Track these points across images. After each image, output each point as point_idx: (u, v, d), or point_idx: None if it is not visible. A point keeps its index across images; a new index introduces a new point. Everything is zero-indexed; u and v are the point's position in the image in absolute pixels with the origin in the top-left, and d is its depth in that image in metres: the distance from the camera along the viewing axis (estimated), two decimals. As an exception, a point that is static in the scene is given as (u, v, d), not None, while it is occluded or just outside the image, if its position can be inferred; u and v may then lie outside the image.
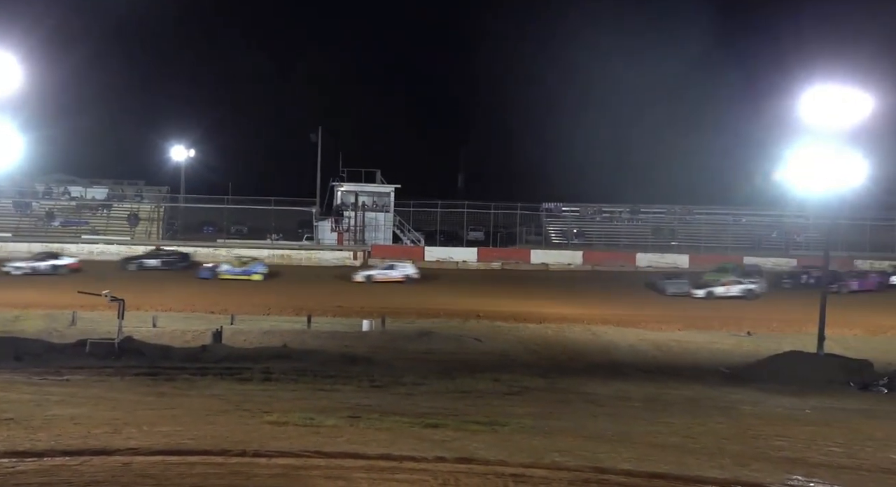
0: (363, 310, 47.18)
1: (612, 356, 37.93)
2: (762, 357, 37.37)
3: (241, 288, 54.44)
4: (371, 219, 72.83)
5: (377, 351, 35.63)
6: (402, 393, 25.33)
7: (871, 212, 69.86)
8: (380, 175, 74.32)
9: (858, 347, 40.25)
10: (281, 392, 24.16)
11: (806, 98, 37.33)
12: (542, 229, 76.52)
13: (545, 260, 68.92)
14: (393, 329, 42.49)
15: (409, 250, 70.85)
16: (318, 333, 40.07)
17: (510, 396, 25.55)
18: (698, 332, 44.78)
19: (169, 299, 48.36)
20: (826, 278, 39.99)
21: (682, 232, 76.13)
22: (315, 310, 45.57)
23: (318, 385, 26.02)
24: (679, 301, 55.07)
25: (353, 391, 25.15)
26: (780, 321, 46.96)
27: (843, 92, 36.44)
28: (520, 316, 47.72)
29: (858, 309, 49.11)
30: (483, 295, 54.69)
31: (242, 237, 74.38)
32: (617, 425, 19.96)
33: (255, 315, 45.31)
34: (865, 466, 16.18)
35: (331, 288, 55.62)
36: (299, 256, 68.54)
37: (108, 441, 14.81)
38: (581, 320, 46.65)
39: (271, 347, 34.72)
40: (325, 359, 32.06)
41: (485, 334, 42.05)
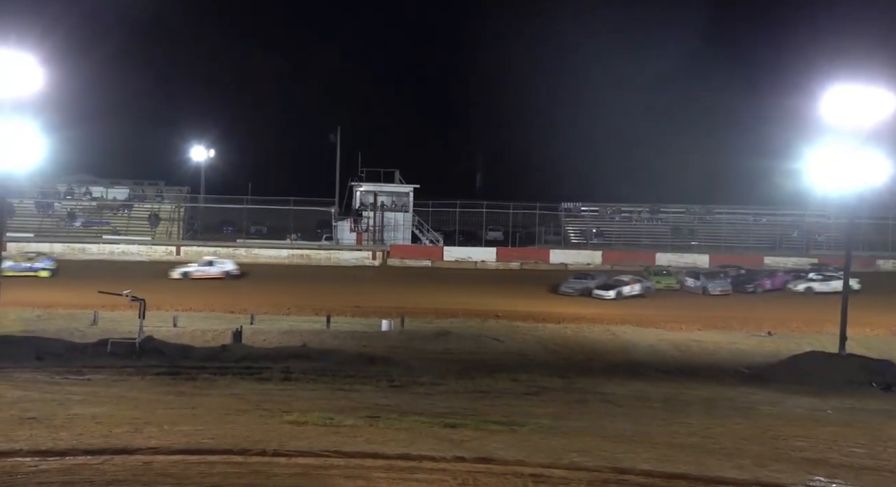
0: (382, 310, 47.29)
1: (630, 356, 37.86)
2: (783, 357, 37.24)
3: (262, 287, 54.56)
4: (390, 219, 72.92)
5: (396, 351, 35.73)
6: (421, 392, 25.41)
7: (893, 210, 69.30)
8: (398, 175, 74.39)
9: (881, 347, 39.97)
10: (300, 391, 24.25)
11: (827, 97, 37.13)
12: (562, 229, 76.36)
13: (564, 260, 68.74)
14: (411, 329, 42.54)
15: (427, 250, 70.89)
16: (337, 333, 40.18)
17: (529, 396, 25.57)
18: (718, 332, 44.62)
19: (189, 299, 48.60)
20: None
21: (702, 231, 75.78)
22: (334, 310, 45.74)
23: (337, 384, 26.12)
24: (700, 301, 54.80)
25: (371, 391, 25.23)
26: (801, 321, 46.72)
27: (865, 91, 36.22)
28: (538, 316, 47.67)
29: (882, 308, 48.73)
30: (502, 295, 54.64)
31: (262, 237, 74.65)
32: (636, 425, 19.92)
33: (275, 314, 45.49)
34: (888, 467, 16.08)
35: (350, 288, 55.68)
36: (318, 256, 68.69)
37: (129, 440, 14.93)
38: (600, 320, 46.57)
39: (291, 347, 34.87)
40: (343, 359, 32.16)
41: (503, 334, 42.08)
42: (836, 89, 36.86)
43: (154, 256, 66.89)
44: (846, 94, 36.48)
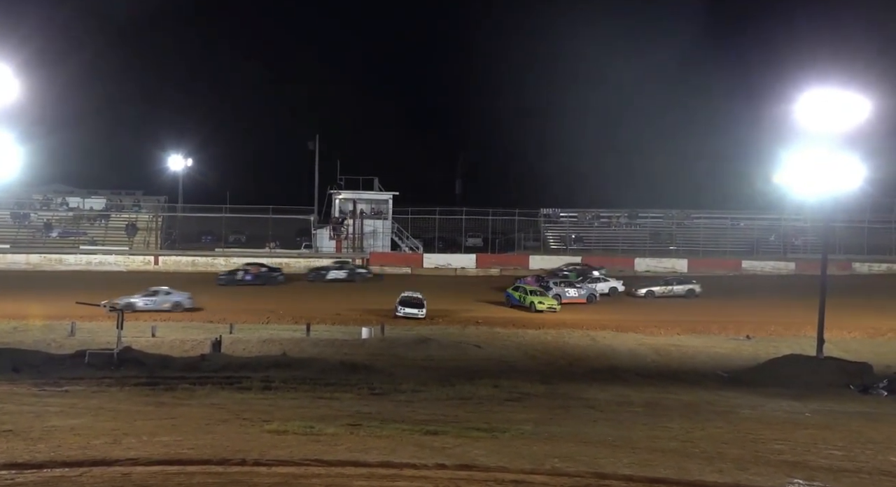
0: (362, 317, 47.20)
1: (611, 361, 37.94)
2: (762, 360, 37.46)
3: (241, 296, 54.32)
4: (369, 226, 72.89)
5: (376, 359, 35.64)
6: (402, 400, 25.33)
7: (869, 214, 69.97)
8: (377, 182, 74.40)
9: (858, 350, 40.28)
10: (281, 400, 24.14)
11: (803, 101, 37.44)
12: (541, 235, 76.56)
13: (544, 266, 68.90)
14: (392, 336, 42.47)
15: (407, 257, 70.91)
16: (318, 341, 40.09)
17: (510, 402, 25.55)
18: (697, 336, 44.83)
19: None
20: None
21: (680, 236, 76.19)
22: (314, 318, 45.67)
23: (318, 393, 26.02)
24: (679, 305, 55.05)
25: (352, 399, 25.14)
26: (780, 324, 46.98)
27: (840, 95, 36.56)
28: (519, 321, 47.78)
29: (858, 311, 49.12)
30: (482, 301, 54.71)
31: (241, 245, 74.41)
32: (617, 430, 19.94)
33: (255, 323, 45.31)
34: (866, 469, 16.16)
35: (330, 296, 55.56)
36: (298, 264, 68.51)
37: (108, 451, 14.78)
38: (580, 325, 46.66)
39: (271, 355, 34.74)
40: (324, 367, 32.05)
41: (484, 340, 42.10)
42: (812, 93, 37.21)
43: (132, 266, 66.57)
44: (821, 99, 36.82)
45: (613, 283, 59.41)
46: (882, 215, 71.89)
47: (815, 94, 37.07)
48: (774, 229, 75.18)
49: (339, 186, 73.74)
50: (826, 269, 39.16)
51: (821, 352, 36.95)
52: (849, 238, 67.97)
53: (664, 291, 58.38)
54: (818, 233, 61.85)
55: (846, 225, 64.90)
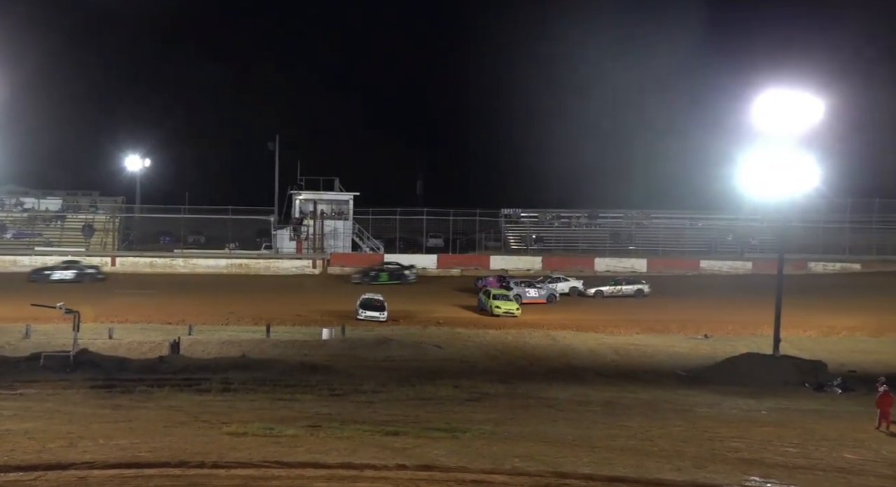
0: (323, 318, 47.02)
1: (571, 360, 38.12)
2: (719, 359, 37.84)
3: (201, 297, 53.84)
4: (330, 227, 72.54)
5: (337, 360, 35.57)
6: (363, 401, 25.35)
7: (824, 214, 70.92)
8: (338, 183, 74.03)
9: (813, 348, 40.84)
10: (240, 402, 24.04)
11: (758, 103, 37.85)
12: (501, 235, 76.68)
13: (504, 266, 69.04)
14: (352, 337, 42.32)
15: (368, 257, 70.60)
16: (278, 342, 39.86)
17: (470, 402, 25.64)
18: (656, 336, 45.15)
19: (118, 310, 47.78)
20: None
21: (639, 236, 76.66)
22: (274, 319, 45.39)
23: (278, 394, 25.95)
24: (638, 305, 55.47)
25: (312, 400, 25.10)
26: (737, 323, 47.49)
27: (795, 96, 37.00)
28: (480, 322, 47.84)
29: (813, 310, 49.82)
30: (443, 301, 54.74)
31: (200, 246, 73.71)
32: (576, 429, 20.08)
33: (214, 325, 44.92)
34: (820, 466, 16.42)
35: (290, 297, 55.26)
36: (257, 265, 68.08)
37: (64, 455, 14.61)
38: (540, 325, 46.83)
39: (230, 357, 34.50)
40: (284, 369, 31.92)
41: (445, 341, 42.10)
42: (767, 94, 37.61)
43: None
44: (777, 100, 37.23)
45: (574, 283, 59.72)
46: (836, 215, 72.80)
47: (771, 95, 37.48)
48: (732, 229, 75.92)
49: (299, 187, 73.25)
50: (782, 269, 39.67)
51: (777, 351, 37.42)
52: (804, 238, 68.79)
53: (613, 291, 58.79)
54: (775, 233, 62.68)
55: (802, 225, 65.67)
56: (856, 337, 44.69)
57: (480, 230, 75.14)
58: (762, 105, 37.68)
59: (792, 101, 36.95)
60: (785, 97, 37.11)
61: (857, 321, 48.08)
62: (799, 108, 36.88)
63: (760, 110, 37.71)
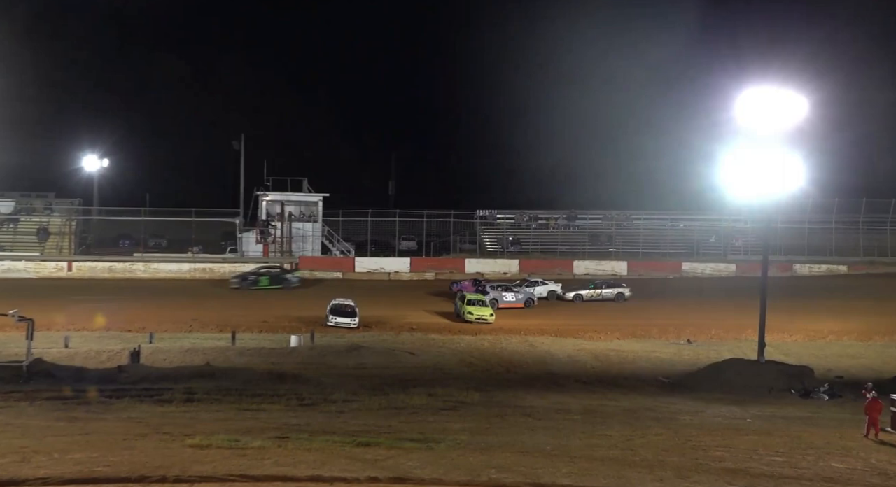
0: (291, 324, 46.91)
1: (549, 367, 38.22)
2: (702, 365, 38.06)
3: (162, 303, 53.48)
4: (298, 229, 72.31)
5: (306, 368, 35.47)
6: (333, 411, 25.29)
7: (809, 215, 71.51)
8: (307, 183, 73.80)
9: (799, 353, 41.15)
10: (204, 413, 23.89)
11: (741, 100, 38.13)
12: (477, 237, 76.72)
13: (480, 269, 69.13)
14: (322, 344, 42.21)
15: (338, 261, 70.50)
16: (244, 350, 39.66)
17: (445, 411, 25.64)
18: (637, 341, 45.30)
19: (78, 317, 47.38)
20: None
21: (619, 237, 76.90)
22: (240, 326, 45.17)
23: (244, 404, 25.81)
24: (619, 309, 55.66)
25: (280, 410, 25.01)
26: (720, 327, 47.73)
27: (779, 93, 37.29)
28: (455, 328, 47.87)
29: (799, 314, 50.19)
30: (417, 306, 54.71)
31: (162, 250, 73.20)
32: (555, 439, 20.10)
33: (176, 332, 44.64)
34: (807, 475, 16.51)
35: (256, 303, 55.01)
36: (223, 270, 67.65)
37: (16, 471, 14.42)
38: (518, 331, 46.89)
39: (193, 366, 34.33)
40: (250, 377, 31.78)
41: (418, 347, 42.09)
42: (751, 91, 37.89)
43: (43, 273, 65.19)
44: (760, 97, 37.52)
45: (552, 287, 59.85)
46: (822, 216, 73.34)
47: (754, 92, 37.78)
48: (715, 230, 76.33)
49: (266, 188, 72.94)
50: (766, 271, 39.98)
51: (762, 356, 37.70)
52: (789, 239, 69.35)
53: (592, 295, 58.98)
54: (759, 234, 63.06)
55: (786, 225, 66.19)
56: (843, 342, 45.07)
57: (455, 232, 75.17)
58: (745, 102, 37.98)
59: (776, 98, 37.26)
60: (768, 94, 37.41)
61: (844, 325, 48.48)
62: (783, 106, 37.21)
63: (743, 107, 38.01)
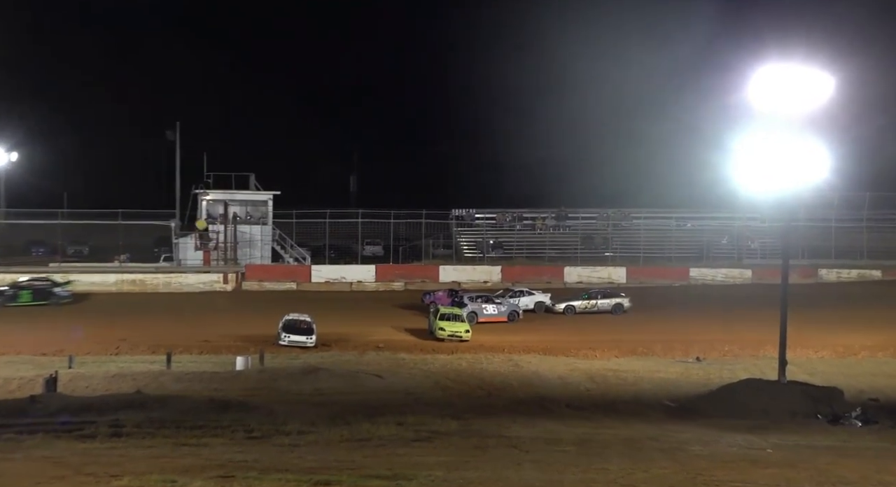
0: (237, 344, 46.78)
1: (537, 390, 38.27)
2: (714, 386, 38.20)
3: (84, 321, 52.98)
4: (245, 233, 72.10)
5: (254, 395, 35.35)
6: (286, 444, 25.21)
7: (836, 212, 71.94)
8: (254, 180, 73.58)
9: (826, 372, 41.37)
10: (134, 449, 23.71)
11: (758, 79, 38.17)
12: (453, 241, 76.79)
13: (457, 278, 69.18)
14: (273, 366, 42.20)
15: (292, 270, 70.35)
16: (181, 375, 39.48)
17: (418, 443, 25.61)
18: (638, 359, 45.52)
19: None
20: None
21: (617, 240, 77.12)
22: (176, 347, 44.97)
23: (181, 439, 25.63)
24: (617, 323, 55.79)
25: (224, 444, 24.88)
26: (735, 343, 47.94)
27: (802, 72, 37.38)
28: (428, 346, 47.99)
29: (826, 326, 50.44)
30: (383, 321, 54.66)
31: (83, 259, 72.72)
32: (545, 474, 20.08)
33: (101, 355, 44.47)
34: (837, 514, 16.53)
35: (196, 320, 54.76)
36: (155, 281, 67.35)
37: None
38: (500, 348, 46.99)
39: (121, 394, 33.99)
40: (189, 407, 31.54)
41: (386, 369, 42.13)
42: (768, 70, 37.95)
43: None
44: (780, 76, 37.59)
45: (540, 297, 59.95)
46: (852, 213, 73.88)
47: (773, 71, 37.84)
48: (727, 230, 76.70)
49: (206, 185, 72.54)
50: (787, 277, 40.08)
51: (783, 376, 37.75)
52: (814, 239, 69.76)
53: (586, 306, 59.11)
54: (778, 234, 63.30)
55: (810, 224, 66.67)
56: (878, 359, 45.38)
57: (428, 235, 75.21)
58: (762, 82, 38.00)
59: (798, 78, 37.32)
60: (789, 73, 37.47)
61: (878, 339, 48.81)
62: (806, 86, 37.27)
63: (760, 88, 38.02)
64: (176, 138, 72.77)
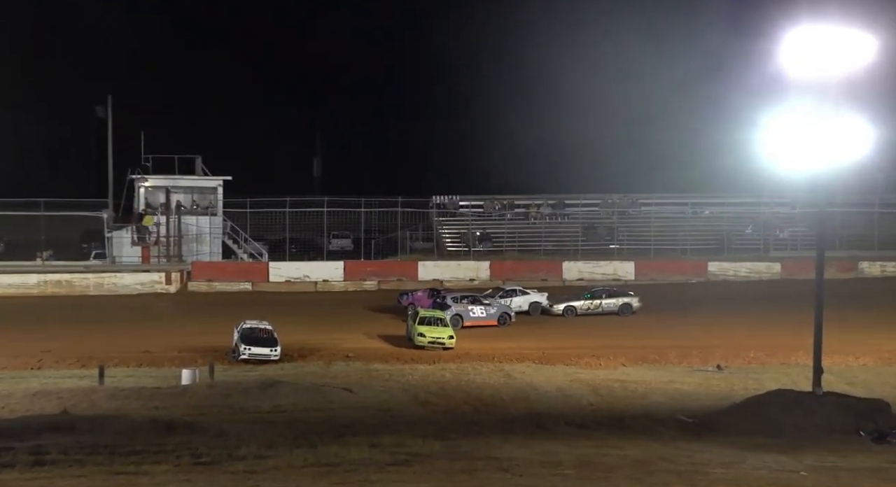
0: (182, 355, 46.72)
1: (532, 405, 38.46)
2: (738, 399, 38.23)
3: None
4: (191, 225, 71.97)
5: (203, 413, 35.45)
6: (240, 471, 25.18)
7: (880, 195, 72.03)
8: (201, 163, 73.43)
9: (869, 382, 41.51)
10: (60, 480, 23.65)
11: (788, 43, 38.08)
12: (434, 233, 76.77)
13: (439, 276, 69.35)
14: (225, 379, 42.26)
15: (246, 268, 70.31)
16: (116, 391, 39.39)
17: (394, 467, 25.65)
18: (650, 368, 45.70)
19: None
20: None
21: (624, 230, 77.07)
22: (110, 359, 44.92)
23: (117, 466, 25.53)
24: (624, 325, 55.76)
25: (168, 472, 24.87)
26: (761, 348, 47.96)
27: (838, 33, 37.30)
28: (405, 355, 48.09)
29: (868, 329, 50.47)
30: (353, 327, 54.65)
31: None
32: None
33: (20, 369, 44.39)
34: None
35: (134, 327, 54.58)
36: (85, 282, 67.01)
37: None
38: (490, 357, 47.08)
39: (45, 415, 33.85)
40: (125, 429, 31.40)
41: (357, 382, 42.25)
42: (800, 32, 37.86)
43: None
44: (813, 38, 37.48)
45: (535, 297, 59.87)
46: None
47: (806, 32, 37.74)
48: (752, 218, 76.87)
49: (144, 169, 72.35)
50: (823, 271, 39.96)
51: (818, 387, 37.66)
52: (854, 227, 69.88)
53: (589, 307, 59.06)
54: (811, 221, 63.43)
55: (849, 210, 66.73)
56: (930, 367, 45.48)
57: (405, 226, 75.16)
58: (793, 45, 37.92)
59: (835, 40, 37.24)
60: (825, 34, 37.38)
61: (929, 343, 48.92)
62: (845, 50, 37.19)
63: (791, 52, 37.93)
64: (108, 115, 72.31)
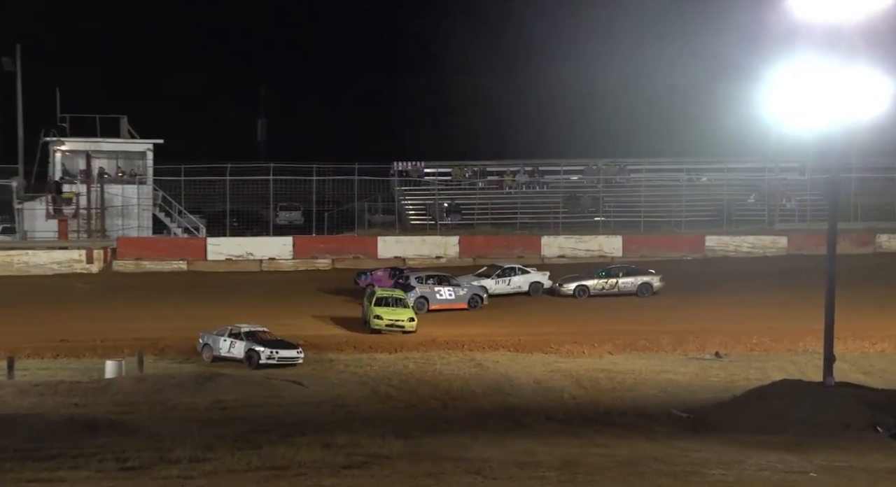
0: (106, 344, 46.45)
1: (508, 398, 38.56)
2: (739, 391, 38.39)
3: None
4: (116, 195, 71.51)
5: (131, 411, 35.42)
6: (174, 476, 25.30)
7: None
8: (127, 124, 72.95)
9: (887, 371, 41.72)
10: (-37, 490, 23.43)
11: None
12: (395, 204, 76.66)
13: (402, 253, 69.42)
14: (157, 372, 42.01)
15: (181, 244, 70.09)
16: (28, 386, 39.22)
17: (350, 471, 25.81)
18: (639, 356, 45.80)
19: None
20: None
21: (610, 200, 77.14)
22: (21, 349, 44.44)
23: (28, 472, 25.56)
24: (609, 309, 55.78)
25: (89, 479, 24.92)
26: (765, 333, 48.07)
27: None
28: (363, 343, 47.94)
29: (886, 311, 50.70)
30: (304, 311, 54.66)
31: None
32: (518, 508, 20.06)
33: None
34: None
35: (49, 312, 54.27)
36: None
37: None
38: (459, 344, 47.08)
39: (-57, 416, 33.68)
40: (40, 429, 31.23)
41: (308, 373, 42.28)
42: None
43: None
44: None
45: (536, 276, 59.52)
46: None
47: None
48: (754, 185, 77.09)
49: (60, 131, 71.82)
50: (835, 246, 40.03)
51: (830, 376, 37.77)
52: (871, 196, 70.07)
53: (604, 286, 58.92)
54: (822, 189, 63.61)
55: (866, 175, 66.90)
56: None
57: (362, 196, 74.97)
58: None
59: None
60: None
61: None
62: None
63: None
64: (16, 68, 71.69)
